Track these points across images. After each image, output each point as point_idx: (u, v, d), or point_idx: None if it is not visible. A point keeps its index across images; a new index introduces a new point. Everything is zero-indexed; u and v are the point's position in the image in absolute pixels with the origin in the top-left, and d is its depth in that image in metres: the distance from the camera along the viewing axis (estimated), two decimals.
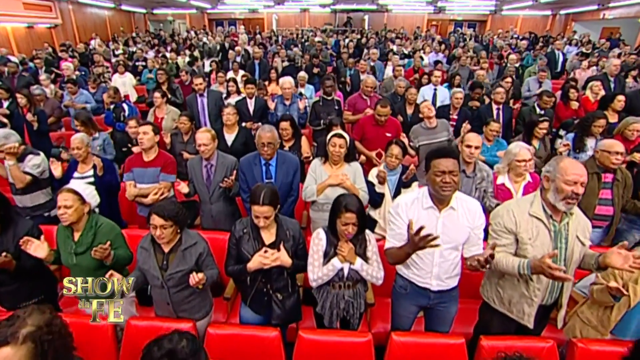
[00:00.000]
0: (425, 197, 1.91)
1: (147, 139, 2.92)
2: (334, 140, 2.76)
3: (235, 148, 3.74)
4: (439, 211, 1.88)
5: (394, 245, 1.94)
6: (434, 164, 1.80)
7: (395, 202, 1.98)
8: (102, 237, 2.19)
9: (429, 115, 3.75)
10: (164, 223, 2.02)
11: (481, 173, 2.91)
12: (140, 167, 3.02)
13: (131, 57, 9.97)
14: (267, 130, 2.79)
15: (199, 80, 4.65)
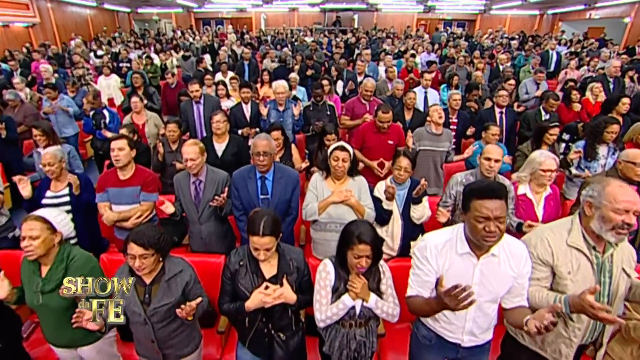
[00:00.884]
0: (461, 240, 1.60)
1: (123, 155, 2.57)
2: (336, 153, 2.48)
3: (226, 159, 3.43)
4: (476, 258, 1.58)
5: (419, 294, 1.65)
6: (476, 206, 1.46)
7: (422, 243, 1.69)
8: (74, 272, 1.86)
9: (437, 122, 3.50)
10: (144, 252, 1.72)
11: None
12: (115, 187, 2.67)
13: (115, 57, 9.50)
14: (262, 138, 2.50)
15: (195, 87, 4.31)
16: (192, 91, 4.34)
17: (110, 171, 2.74)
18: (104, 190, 2.68)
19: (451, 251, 1.62)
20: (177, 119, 3.74)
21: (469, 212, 1.51)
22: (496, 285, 1.59)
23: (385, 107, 3.38)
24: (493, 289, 1.59)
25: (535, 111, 4.52)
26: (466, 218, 1.55)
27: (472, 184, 1.61)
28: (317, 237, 2.66)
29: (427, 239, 1.70)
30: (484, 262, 1.58)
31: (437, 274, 1.64)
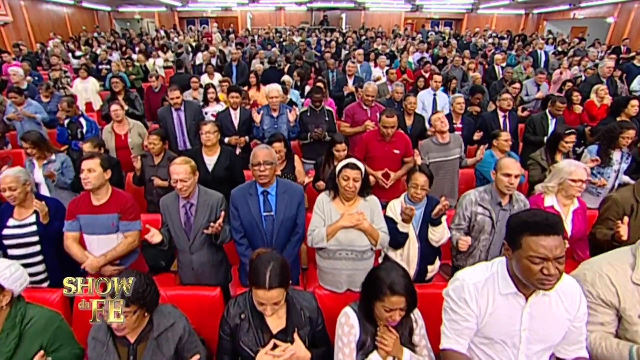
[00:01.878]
0: (503, 279, 1.33)
1: (93, 177, 2.17)
2: (346, 172, 2.14)
3: (218, 174, 3.07)
4: (525, 299, 1.31)
5: (458, 346, 1.36)
6: (530, 244, 1.19)
7: (457, 283, 1.39)
8: (31, 339, 1.47)
9: (442, 130, 3.21)
10: (126, 310, 1.37)
11: (518, 204, 2.40)
12: (88, 214, 2.26)
13: (94, 59, 8.92)
14: (262, 147, 2.19)
15: (175, 93, 3.88)
16: (172, 98, 3.91)
17: (82, 195, 2.33)
18: (74, 217, 2.27)
19: (493, 291, 1.36)
20: (160, 129, 3.34)
21: (519, 250, 1.24)
22: (549, 330, 1.33)
23: (390, 111, 3.07)
24: (546, 334, 1.33)
25: (541, 115, 4.28)
26: (515, 256, 1.27)
27: (522, 216, 1.30)
28: (325, 266, 2.32)
29: (463, 277, 1.42)
30: (534, 302, 1.32)
31: (478, 319, 1.36)
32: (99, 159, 2.20)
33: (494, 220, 2.34)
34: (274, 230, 2.23)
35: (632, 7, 12.43)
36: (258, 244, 2.25)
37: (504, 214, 2.34)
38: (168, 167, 3.21)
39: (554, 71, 7.63)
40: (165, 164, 3.20)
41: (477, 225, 2.40)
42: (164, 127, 3.99)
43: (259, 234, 2.23)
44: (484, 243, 2.40)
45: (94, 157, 2.22)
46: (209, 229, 2.12)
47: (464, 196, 2.50)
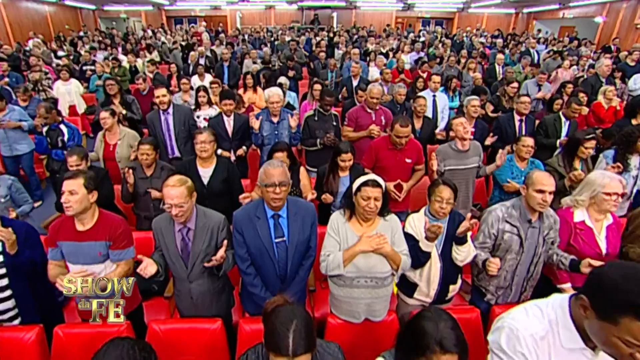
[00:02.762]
0: (567, 330, 1.10)
1: (75, 201, 1.86)
2: (366, 191, 1.88)
3: (215, 187, 2.77)
4: (591, 352, 1.09)
5: None
6: (633, 328, 0.91)
7: (509, 333, 1.14)
8: None
9: (464, 137, 2.96)
10: None
11: (549, 220, 2.17)
12: (71, 240, 1.95)
13: (77, 60, 8.45)
14: (276, 165, 1.87)
15: (161, 91, 3.55)
16: (158, 96, 3.54)
17: (64, 219, 2.00)
18: (55, 245, 1.95)
19: (555, 343, 1.12)
20: (151, 137, 3.02)
21: (610, 325, 0.96)
22: None
23: (404, 120, 2.81)
24: None
25: (554, 117, 4.08)
26: (599, 325, 1.00)
27: (630, 286, 0.94)
28: (340, 294, 2.06)
29: (516, 327, 1.16)
30: (605, 356, 1.07)
31: None
32: (83, 179, 1.88)
33: (522, 238, 2.11)
34: (288, 258, 1.95)
35: (621, 7, 12.47)
36: (269, 273, 1.97)
37: (533, 232, 2.12)
38: (162, 177, 2.94)
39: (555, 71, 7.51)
40: (159, 174, 2.90)
41: (504, 244, 2.17)
42: (153, 133, 3.67)
43: (269, 262, 1.94)
44: (511, 263, 2.17)
45: (77, 176, 1.89)
46: (210, 261, 1.83)
47: (489, 212, 2.26)
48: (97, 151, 3.51)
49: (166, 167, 2.95)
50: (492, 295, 2.27)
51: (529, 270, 2.18)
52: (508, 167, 3.10)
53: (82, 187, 1.87)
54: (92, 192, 1.92)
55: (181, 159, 3.73)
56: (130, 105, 4.58)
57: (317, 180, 2.96)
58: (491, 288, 2.26)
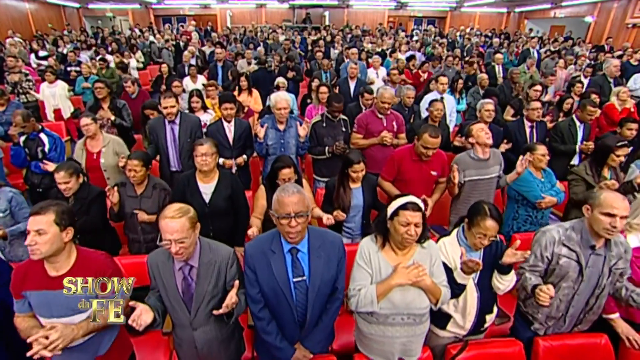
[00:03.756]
0: None
1: (43, 243, 1.48)
2: (406, 215, 1.59)
3: (217, 205, 2.44)
4: None
5: None
6: None
7: None
8: None
9: (485, 143, 2.69)
10: None
11: (618, 249, 1.88)
12: (42, 289, 1.54)
13: (62, 60, 7.94)
14: (292, 192, 1.52)
15: (169, 101, 3.17)
16: (167, 107, 3.20)
17: (30, 262, 1.56)
18: (21, 295, 1.56)
19: None
20: (141, 152, 2.65)
21: None
22: None
23: (434, 130, 2.51)
24: None
25: (568, 121, 3.86)
26: None
27: None
28: (371, 332, 1.76)
29: None
30: None
31: None
32: (53, 214, 1.50)
33: (582, 265, 1.84)
34: (309, 301, 1.62)
35: (612, 7, 12.46)
36: (285, 319, 1.65)
37: (596, 260, 1.85)
38: (154, 197, 2.61)
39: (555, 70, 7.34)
40: (150, 193, 2.56)
41: (559, 270, 1.90)
42: (155, 142, 3.30)
43: (286, 305, 1.62)
44: (567, 292, 1.90)
45: (45, 211, 1.50)
46: (220, 309, 1.51)
47: (542, 232, 1.99)
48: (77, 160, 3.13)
49: (159, 186, 2.61)
50: (541, 325, 2.00)
51: (588, 303, 1.91)
52: (531, 180, 2.83)
53: (53, 225, 1.49)
54: (66, 230, 1.54)
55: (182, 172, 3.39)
56: (120, 110, 4.19)
57: (326, 194, 2.65)
58: (540, 317, 1.99)
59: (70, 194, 2.44)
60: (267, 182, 2.51)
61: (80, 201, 2.48)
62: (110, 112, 4.06)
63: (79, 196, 2.49)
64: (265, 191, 2.48)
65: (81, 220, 2.47)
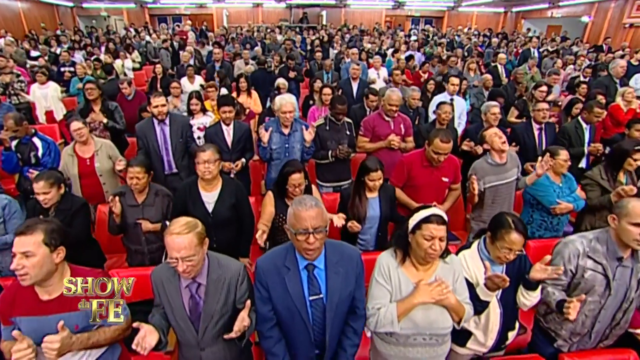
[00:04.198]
0: None
1: (32, 267, 1.34)
2: (430, 229, 1.48)
3: (221, 215, 2.31)
4: None
5: None
6: None
7: None
8: None
9: (502, 148, 2.58)
10: None
11: None
12: (33, 315, 1.42)
13: (55, 60, 7.74)
14: (309, 205, 1.39)
15: (159, 100, 3.06)
16: (157, 106, 3.08)
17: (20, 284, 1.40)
18: (10, 322, 1.44)
19: None
20: (143, 158, 2.50)
21: None
22: None
23: (445, 134, 2.40)
24: None
25: (574, 123, 3.77)
26: None
27: None
28: (390, 354, 1.64)
29: None
30: None
31: None
32: (42, 233, 1.36)
33: (609, 278, 1.74)
34: (326, 320, 1.51)
35: (609, 7, 12.47)
36: (301, 339, 1.53)
37: (624, 272, 1.75)
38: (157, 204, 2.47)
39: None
40: (152, 201, 2.43)
41: (584, 284, 1.80)
42: (145, 146, 3.17)
43: (301, 325, 1.50)
44: (592, 307, 1.80)
45: (33, 230, 1.35)
46: (229, 328, 1.39)
47: (565, 244, 1.88)
48: (66, 169, 2.98)
49: (161, 193, 2.47)
50: (565, 341, 1.90)
51: (615, 317, 1.81)
52: (548, 184, 2.73)
53: (42, 246, 1.34)
54: (57, 250, 1.40)
55: (178, 174, 3.25)
56: (112, 113, 4.02)
57: (340, 203, 2.53)
58: (564, 333, 1.89)
59: (49, 204, 2.28)
60: (275, 187, 2.39)
61: (62, 213, 2.33)
62: (102, 115, 3.91)
63: (61, 208, 2.34)
64: (273, 197, 2.37)
65: None
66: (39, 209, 2.31)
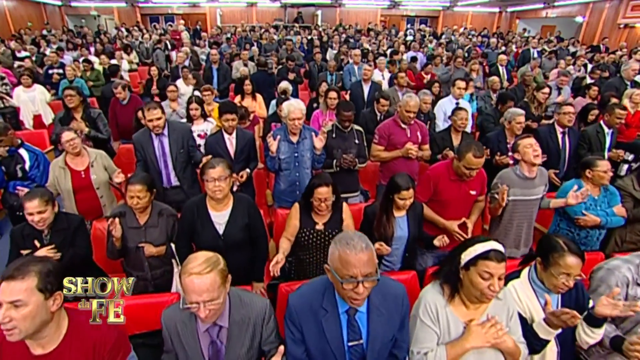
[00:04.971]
0: None
1: (21, 317, 1.07)
2: (489, 266, 1.28)
3: (233, 236, 2.07)
4: None
5: None
6: None
7: None
8: None
9: (533, 162, 2.39)
10: None
11: None
12: None
13: (41, 62, 7.37)
14: (359, 248, 1.16)
15: (154, 112, 2.75)
16: (152, 119, 2.77)
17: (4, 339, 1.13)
18: None
19: None
20: (144, 175, 2.22)
21: None
22: None
23: (478, 148, 2.19)
24: None
25: (596, 127, 3.61)
26: None
27: None
28: None
29: None
30: None
31: None
32: (36, 278, 1.10)
33: None
34: None
35: (604, 7, 12.45)
36: None
37: None
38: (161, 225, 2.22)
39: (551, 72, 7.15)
40: (156, 222, 2.18)
41: (637, 315, 1.61)
42: (143, 159, 2.90)
43: None
44: None
45: (24, 274, 1.09)
46: None
47: (609, 271, 1.70)
48: (56, 184, 2.70)
49: (165, 212, 2.22)
50: None
51: None
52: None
53: (35, 293, 1.10)
54: (53, 296, 1.15)
55: (180, 187, 3.00)
56: (95, 121, 3.72)
57: (364, 222, 2.31)
58: None
59: (45, 225, 2.04)
60: (302, 200, 2.19)
61: (60, 234, 2.11)
62: (84, 124, 3.61)
63: (58, 227, 2.11)
64: (299, 210, 2.17)
65: (68, 255, 2.09)
66: (29, 234, 2.05)
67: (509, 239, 2.52)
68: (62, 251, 2.05)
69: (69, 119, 3.54)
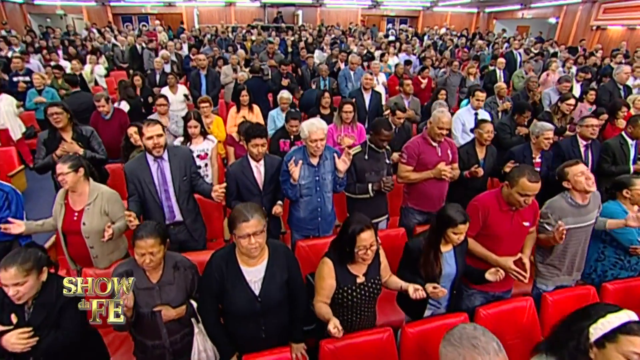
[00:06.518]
0: None
1: None
2: (635, 344, 0.99)
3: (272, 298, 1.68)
4: None
5: None
6: None
7: None
8: None
9: (588, 189, 2.15)
10: None
11: None
12: None
13: (5, 67, 6.56)
14: (493, 352, 0.90)
15: (154, 128, 2.28)
16: (151, 137, 2.27)
17: None
18: None
19: None
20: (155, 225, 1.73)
21: None
22: None
23: (533, 173, 1.92)
24: None
25: (619, 139, 3.46)
26: None
27: None
28: None
29: None
30: None
31: None
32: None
33: None
34: None
35: (577, 9, 12.74)
36: None
37: None
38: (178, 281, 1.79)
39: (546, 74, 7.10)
40: (171, 278, 1.76)
41: None
42: (138, 191, 2.42)
43: None
44: None
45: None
46: None
47: None
48: (55, 218, 2.26)
49: (182, 265, 1.79)
50: None
51: None
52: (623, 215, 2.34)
53: None
54: None
55: (183, 223, 2.55)
56: (88, 140, 3.17)
57: (406, 260, 1.99)
58: None
59: (23, 301, 1.57)
60: (334, 251, 1.82)
61: (43, 309, 1.62)
62: (76, 145, 3.04)
63: (42, 301, 1.63)
64: (332, 266, 1.78)
65: (47, 341, 1.60)
66: (9, 304, 1.58)
67: (562, 268, 2.30)
68: (41, 334, 1.58)
69: (56, 141, 2.97)
